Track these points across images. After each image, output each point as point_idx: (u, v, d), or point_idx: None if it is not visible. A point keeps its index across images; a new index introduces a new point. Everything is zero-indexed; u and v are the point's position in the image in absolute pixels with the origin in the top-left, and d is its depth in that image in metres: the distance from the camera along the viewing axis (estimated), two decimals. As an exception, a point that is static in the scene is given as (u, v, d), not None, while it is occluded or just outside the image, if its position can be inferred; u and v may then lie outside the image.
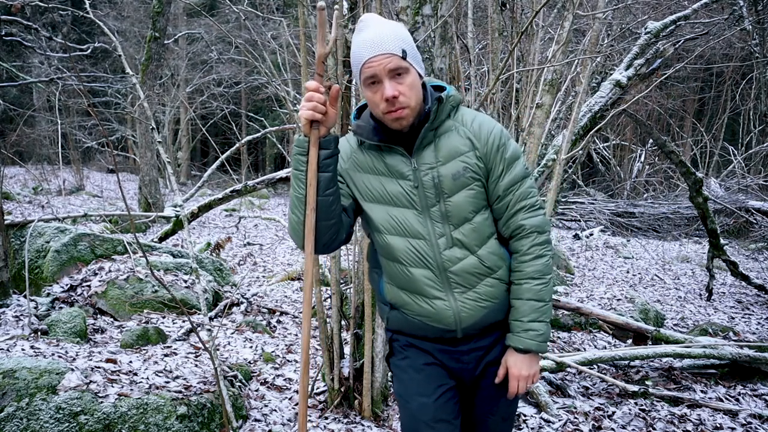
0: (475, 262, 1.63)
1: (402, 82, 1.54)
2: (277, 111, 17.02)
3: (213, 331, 2.74)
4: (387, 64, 1.51)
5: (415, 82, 1.56)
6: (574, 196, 13.55)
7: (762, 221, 10.01)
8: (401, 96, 1.53)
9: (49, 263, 4.69)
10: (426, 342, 1.74)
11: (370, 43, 1.53)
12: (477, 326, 1.67)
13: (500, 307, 1.69)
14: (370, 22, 1.57)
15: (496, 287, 1.67)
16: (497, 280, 1.67)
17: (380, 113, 1.57)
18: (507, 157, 1.64)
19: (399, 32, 1.56)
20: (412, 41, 1.59)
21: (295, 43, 4.07)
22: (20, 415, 2.36)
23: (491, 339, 1.72)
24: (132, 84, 11.11)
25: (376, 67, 1.52)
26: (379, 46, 1.52)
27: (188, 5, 15.17)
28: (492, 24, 3.56)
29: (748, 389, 3.90)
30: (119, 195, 13.64)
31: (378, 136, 1.64)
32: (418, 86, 1.58)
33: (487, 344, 1.72)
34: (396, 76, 1.53)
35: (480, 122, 1.66)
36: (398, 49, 1.52)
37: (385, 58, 1.51)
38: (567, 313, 5.37)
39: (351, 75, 3.08)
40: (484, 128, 1.64)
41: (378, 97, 1.55)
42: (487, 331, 1.71)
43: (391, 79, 1.53)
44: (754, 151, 14.23)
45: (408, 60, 1.54)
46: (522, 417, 3.32)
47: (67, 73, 13.04)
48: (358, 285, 3.11)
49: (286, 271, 7.00)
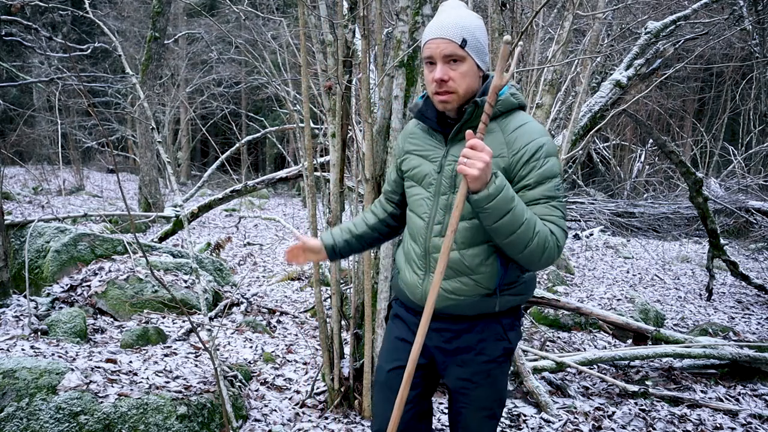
0: (457, 258, 1.68)
1: (455, 68, 1.61)
2: (277, 111, 17.02)
3: (213, 331, 2.74)
4: (444, 48, 1.59)
5: (469, 71, 1.62)
6: (574, 196, 13.54)
7: (762, 221, 10.00)
8: (450, 81, 1.61)
9: (49, 263, 4.69)
10: (408, 313, 1.86)
11: (437, 26, 1.61)
12: (442, 311, 1.73)
13: (469, 304, 1.70)
14: (446, 6, 1.66)
15: (470, 287, 1.69)
16: (474, 282, 1.68)
17: (431, 92, 1.67)
18: (539, 173, 1.60)
19: (465, 22, 1.60)
20: (479, 34, 1.63)
21: (295, 43, 4.07)
22: (20, 415, 2.36)
23: (459, 327, 1.75)
24: (132, 84, 11.10)
25: (434, 49, 1.61)
26: (442, 30, 1.60)
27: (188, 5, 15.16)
28: (492, 24, 3.55)
29: (748, 389, 3.90)
30: (119, 195, 13.64)
31: (426, 117, 1.74)
32: (473, 77, 1.63)
33: (453, 329, 1.76)
34: (451, 62, 1.61)
35: (522, 132, 1.64)
36: (458, 37, 1.58)
37: (444, 42, 1.59)
38: (567, 313, 5.37)
39: (351, 75, 3.08)
40: (522, 138, 1.62)
41: (431, 77, 1.63)
42: (456, 319, 1.75)
43: (445, 64, 1.61)
44: (754, 151, 14.23)
45: (466, 50, 1.60)
46: (522, 417, 3.32)
47: (67, 73, 13.03)
48: (358, 285, 3.11)
49: (286, 271, 7.00)
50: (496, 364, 1.77)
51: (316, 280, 3.12)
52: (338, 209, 3.13)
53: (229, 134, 19.47)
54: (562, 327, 5.38)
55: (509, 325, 1.77)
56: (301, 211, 13.83)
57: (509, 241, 1.54)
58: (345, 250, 1.97)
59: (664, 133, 15.89)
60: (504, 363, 1.79)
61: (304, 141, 3.08)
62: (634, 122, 9.88)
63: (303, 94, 3.00)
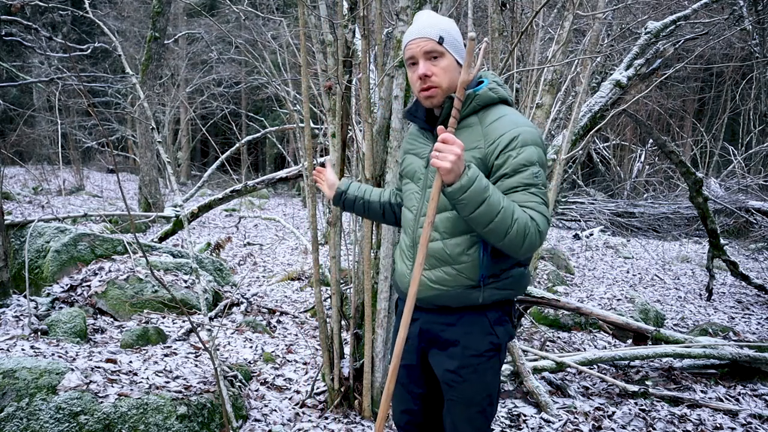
0: (439, 248, 1.76)
1: (436, 64, 1.72)
2: (277, 111, 17.02)
3: (213, 331, 2.74)
4: (424, 46, 1.71)
5: (449, 66, 1.73)
6: (574, 196, 13.55)
7: (762, 221, 10.01)
8: (433, 76, 1.71)
9: (49, 263, 4.69)
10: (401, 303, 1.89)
11: (414, 29, 1.74)
12: (428, 302, 1.81)
13: (454, 295, 1.76)
14: (419, 14, 1.81)
15: (453, 278, 1.75)
16: (456, 272, 1.74)
17: (416, 91, 1.77)
18: (514, 162, 1.63)
19: (440, 23, 1.73)
20: (454, 33, 1.75)
21: (295, 43, 4.07)
22: (20, 415, 2.36)
23: (445, 319, 1.80)
24: (132, 84, 11.10)
25: (414, 49, 1.72)
26: (419, 31, 1.72)
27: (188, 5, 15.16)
28: (492, 24, 3.55)
29: (748, 389, 3.90)
30: (119, 195, 13.64)
31: (414, 116, 1.86)
32: (453, 72, 1.73)
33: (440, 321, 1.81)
34: (432, 58, 1.71)
35: (499, 124, 1.69)
36: (435, 35, 1.70)
37: (423, 40, 1.71)
38: (567, 313, 5.37)
39: (351, 75, 3.08)
40: (497, 130, 1.68)
41: (414, 76, 1.74)
42: (442, 311, 1.81)
43: (426, 61, 1.72)
44: (754, 151, 14.24)
45: (444, 46, 1.71)
46: (522, 417, 3.32)
47: (67, 73, 13.03)
48: (358, 285, 3.11)
49: (286, 271, 7.00)
50: (484, 358, 1.78)
51: (316, 280, 3.12)
52: (338, 209, 3.13)
53: (229, 134, 19.48)
54: (562, 327, 5.38)
55: (496, 320, 1.79)
56: (301, 211, 13.83)
57: (489, 229, 1.57)
58: (349, 204, 2.14)
59: (664, 133, 15.89)
60: (492, 358, 1.80)
61: (304, 141, 3.08)
62: (634, 122, 9.88)
63: (303, 94, 3.00)
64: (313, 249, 3.13)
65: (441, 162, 1.51)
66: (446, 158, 1.50)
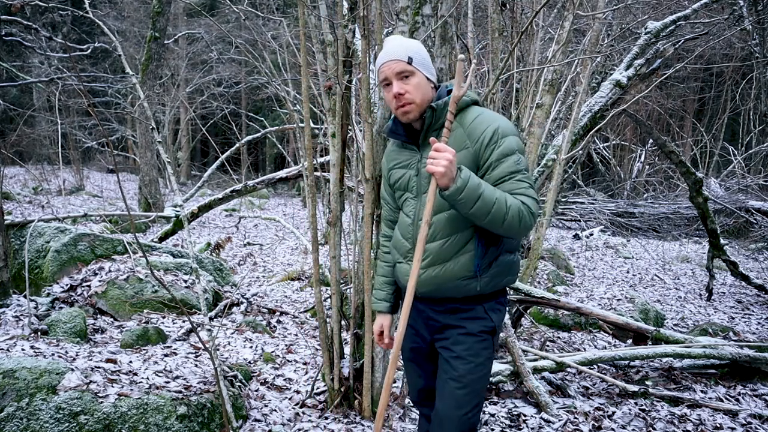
0: (438, 248, 1.89)
1: (408, 83, 1.88)
2: (277, 111, 17.02)
3: (213, 331, 2.74)
4: (395, 67, 1.87)
5: (420, 83, 1.89)
6: (574, 196, 13.55)
7: (762, 221, 10.01)
8: (407, 93, 1.87)
9: (49, 263, 4.69)
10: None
11: (385, 53, 1.91)
12: (429, 294, 1.95)
13: (452, 287, 1.90)
14: (388, 39, 1.96)
15: (452, 272, 1.89)
16: (455, 266, 1.89)
17: (393, 109, 1.92)
18: (497, 152, 1.81)
19: (408, 45, 1.90)
20: (422, 53, 1.92)
21: (295, 43, 4.07)
22: (20, 415, 2.36)
23: (445, 308, 1.96)
24: (132, 84, 11.11)
25: (387, 71, 1.89)
26: (389, 54, 1.89)
27: (188, 5, 15.17)
28: (492, 24, 3.55)
29: (748, 389, 3.90)
30: (119, 195, 13.64)
31: (396, 134, 2.00)
32: (425, 87, 1.90)
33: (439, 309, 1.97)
34: (403, 77, 1.87)
35: (478, 122, 1.87)
36: (404, 56, 1.86)
37: (394, 62, 1.87)
38: (567, 313, 5.37)
39: (351, 75, 3.08)
40: (479, 127, 1.85)
41: (390, 96, 1.90)
42: (443, 302, 1.96)
43: (399, 80, 1.88)
44: (754, 151, 14.24)
45: (414, 65, 1.87)
46: (522, 417, 3.32)
47: (67, 73, 13.04)
48: (358, 285, 3.11)
49: (286, 271, 7.00)
50: (478, 338, 1.94)
51: (316, 280, 3.12)
52: (338, 209, 3.12)
53: (229, 134, 19.49)
54: (562, 327, 5.38)
55: (491, 307, 1.97)
56: (301, 211, 13.84)
57: (488, 221, 1.75)
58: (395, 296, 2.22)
59: (664, 133, 15.89)
60: (486, 340, 1.95)
61: (304, 141, 3.08)
62: (634, 122, 9.88)
63: (303, 94, 3.00)
64: (313, 249, 3.13)
65: (435, 167, 1.68)
66: (440, 163, 1.68)
